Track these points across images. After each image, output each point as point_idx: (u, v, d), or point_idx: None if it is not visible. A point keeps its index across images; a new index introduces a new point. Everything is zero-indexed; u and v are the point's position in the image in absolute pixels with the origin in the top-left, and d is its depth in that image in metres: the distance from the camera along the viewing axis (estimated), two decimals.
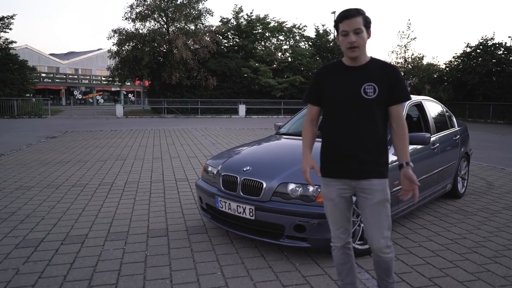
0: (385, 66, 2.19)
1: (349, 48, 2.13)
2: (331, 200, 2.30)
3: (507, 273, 3.06)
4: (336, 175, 2.26)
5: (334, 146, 2.25)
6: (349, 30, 2.11)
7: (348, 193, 2.28)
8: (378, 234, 2.21)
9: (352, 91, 2.18)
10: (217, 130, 15.94)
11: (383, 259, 2.26)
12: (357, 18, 2.10)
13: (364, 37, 2.13)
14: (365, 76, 2.17)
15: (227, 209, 3.41)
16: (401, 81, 2.17)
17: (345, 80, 2.22)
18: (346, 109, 2.20)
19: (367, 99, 2.15)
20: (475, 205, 5.05)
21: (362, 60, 2.20)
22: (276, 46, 31.87)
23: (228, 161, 3.75)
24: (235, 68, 28.19)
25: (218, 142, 11.70)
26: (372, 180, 2.19)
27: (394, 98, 2.17)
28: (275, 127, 5.10)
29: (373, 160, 2.19)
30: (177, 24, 27.48)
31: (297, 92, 29.18)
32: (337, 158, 2.24)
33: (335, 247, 2.39)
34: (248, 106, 27.25)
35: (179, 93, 27.25)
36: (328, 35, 33.03)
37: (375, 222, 2.21)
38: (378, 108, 2.16)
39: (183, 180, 6.27)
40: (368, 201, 2.21)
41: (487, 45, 26.46)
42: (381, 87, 2.14)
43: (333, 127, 2.26)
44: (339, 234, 2.34)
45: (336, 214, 2.31)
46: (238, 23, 30.19)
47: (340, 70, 2.26)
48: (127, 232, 3.89)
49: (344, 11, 2.14)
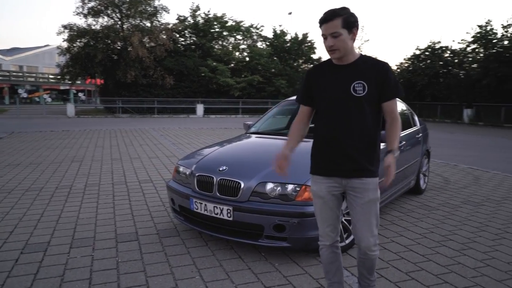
0: (374, 63, 2.18)
1: (329, 51, 2.14)
2: (320, 198, 2.28)
3: (476, 265, 3.19)
4: (327, 173, 2.25)
5: (325, 144, 2.24)
6: (326, 34, 2.10)
7: (338, 191, 2.26)
8: (368, 232, 2.22)
9: (342, 90, 2.17)
10: (176, 130, 15.61)
11: (370, 257, 2.27)
12: (334, 21, 2.07)
13: (344, 39, 2.09)
14: (354, 74, 2.16)
15: (203, 210, 3.30)
16: (391, 77, 2.15)
17: (334, 78, 2.21)
18: (337, 107, 2.19)
19: (356, 97, 2.14)
20: (437, 200, 5.26)
21: (350, 59, 2.18)
22: (234, 46, 31.80)
23: (202, 161, 3.64)
24: (192, 67, 27.80)
25: (179, 142, 11.45)
26: (364, 179, 2.19)
27: (385, 94, 2.16)
28: (244, 126, 5.04)
29: (364, 159, 2.18)
30: (132, 21, 26.65)
31: (255, 92, 29.31)
32: (328, 156, 2.23)
33: (323, 245, 2.36)
34: (206, 106, 26.95)
35: (134, 92, 26.44)
36: (285, 36, 33.43)
37: (365, 221, 2.21)
38: (369, 106, 2.15)
39: (147, 182, 6.05)
40: (359, 200, 2.20)
41: (434, 48, 27.91)
42: (370, 85, 2.13)
43: (324, 125, 2.25)
44: (328, 232, 2.32)
45: (325, 212, 2.29)
46: (195, 21, 29.81)
47: (329, 69, 2.25)
48: (94, 237, 3.67)
49: (323, 14, 2.12)
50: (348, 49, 2.14)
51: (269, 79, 29.71)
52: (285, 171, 2.32)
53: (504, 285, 2.86)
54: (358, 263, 2.38)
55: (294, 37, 33.25)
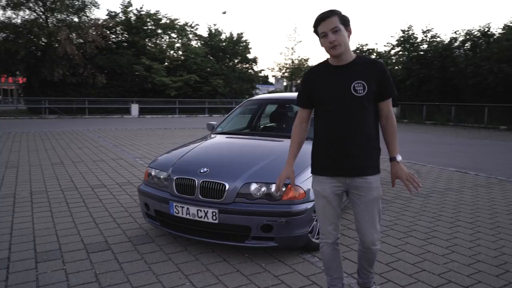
0: (372, 63, 2.24)
1: (331, 47, 2.17)
2: (324, 198, 2.32)
3: (444, 252, 3.45)
4: (330, 173, 2.29)
5: (327, 144, 2.28)
6: (326, 30, 2.15)
7: (341, 190, 2.32)
8: (372, 229, 2.30)
9: (342, 90, 2.22)
10: (114, 131, 14.86)
11: (372, 250, 2.36)
12: (332, 18, 2.14)
13: (344, 35, 2.16)
14: (354, 74, 2.21)
15: (185, 214, 3.19)
16: (388, 77, 2.24)
17: (334, 79, 2.25)
18: (337, 107, 2.23)
19: (357, 96, 2.20)
20: (390, 194, 5.59)
21: (348, 58, 2.23)
22: (168, 44, 31.03)
23: (178, 164, 3.51)
24: (126, 65, 26.62)
25: (121, 144, 10.91)
26: (367, 178, 2.25)
27: (383, 94, 2.24)
28: (208, 127, 4.94)
29: (366, 157, 2.25)
30: (58, 15, 24.84)
31: (192, 91, 28.83)
32: (331, 157, 2.27)
33: (325, 243, 2.40)
34: (142, 106, 25.95)
35: (62, 92, 24.66)
36: (220, 35, 33.36)
37: (369, 218, 2.28)
38: (369, 105, 2.22)
39: (99, 187, 5.70)
40: (363, 198, 2.27)
41: (362, 50, 29.55)
42: (370, 84, 2.20)
43: (325, 126, 2.28)
44: (330, 230, 2.37)
45: (328, 211, 2.34)
46: (127, 18, 28.59)
47: (327, 71, 2.29)
48: (59, 250, 3.38)
49: (318, 15, 2.19)
50: (347, 46, 2.20)
51: (206, 78, 29.43)
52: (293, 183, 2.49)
53: (472, 268, 3.13)
54: (360, 256, 2.46)
55: (229, 37, 33.31)
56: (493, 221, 4.36)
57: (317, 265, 3.12)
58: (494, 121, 19.35)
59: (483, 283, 2.88)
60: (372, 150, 2.29)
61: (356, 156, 2.23)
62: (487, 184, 6.32)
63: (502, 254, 3.43)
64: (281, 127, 4.75)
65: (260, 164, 3.32)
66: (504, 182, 6.54)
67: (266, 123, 5.39)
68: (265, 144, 4.04)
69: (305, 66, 37.73)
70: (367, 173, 2.26)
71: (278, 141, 4.08)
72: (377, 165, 2.31)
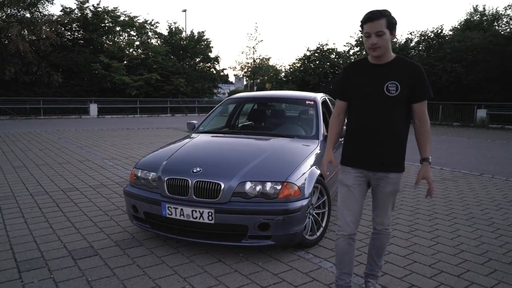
0: (407, 64, 2.30)
1: (371, 48, 2.25)
2: (346, 186, 2.43)
3: (430, 244, 3.59)
4: (355, 165, 2.40)
5: (354, 138, 2.39)
6: (371, 32, 2.22)
7: (363, 181, 2.42)
8: (384, 215, 2.48)
9: (376, 88, 2.29)
10: (74, 132, 14.22)
11: (382, 232, 2.52)
12: (380, 20, 2.20)
13: (386, 38, 2.23)
14: (389, 74, 2.28)
15: (179, 215, 3.11)
16: (423, 79, 2.28)
17: (369, 77, 2.33)
18: (369, 105, 2.31)
19: (389, 96, 2.27)
20: None
21: (387, 58, 2.30)
22: (128, 42, 30.14)
23: (168, 164, 3.41)
24: (83, 63, 25.53)
25: (85, 145, 10.46)
26: (389, 174, 2.35)
27: (416, 95, 2.29)
28: (189, 126, 4.83)
29: (391, 155, 2.33)
30: (8, 10, 23.42)
31: (153, 90, 28.17)
32: (356, 150, 2.39)
33: (341, 236, 2.47)
34: (101, 105, 25.03)
35: (14, 91, 23.24)
36: (180, 33, 32.82)
37: (384, 206, 2.45)
38: (400, 105, 2.28)
39: (71, 190, 5.43)
40: (381, 189, 2.40)
41: (323, 50, 30.21)
42: (403, 85, 2.26)
43: (356, 120, 2.39)
44: (349, 222, 2.44)
45: (350, 201, 2.43)
46: (83, 14, 27.43)
47: (365, 68, 2.37)
48: (42, 257, 3.19)
49: (368, 13, 2.24)
50: (388, 48, 2.26)
51: (168, 77, 28.86)
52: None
53: (459, 258, 3.27)
54: (370, 243, 2.61)
55: (190, 35, 32.86)
56: (467, 213, 4.59)
57: (313, 262, 3.14)
58: (447, 118, 20.39)
59: (472, 271, 3.02)
60: (398, 149, 2.36)
61: (381, 153, 2.32)
62: (453, 178, 6.65)
63: (482, 243, 3.62)
64: (262, 126, 4.75)
65: (253, 163, 3.29)
66: (468, 175, 6.91)
67: (244, 122, 5.37)
68: (253, 143, 4.01)
69: (266, 65, 37.93)
70: (389, 170, 2.35)
71: (265, 139, 4.08)
72: (400, 164, 2.39)
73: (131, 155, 8.65)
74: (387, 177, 2.36)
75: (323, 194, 3.57)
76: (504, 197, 5.35)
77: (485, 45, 20.03)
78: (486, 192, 5.65)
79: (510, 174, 7.06)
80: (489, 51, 19.68)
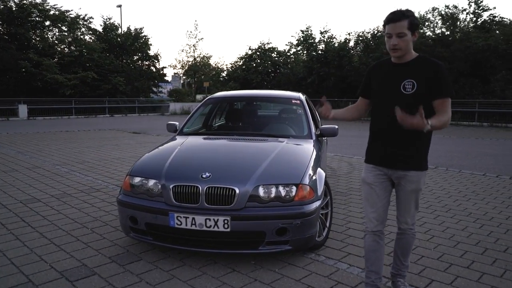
0: (427, 62, 2.29)
1: (392, 49, 2.27)
2: (367, 184, 2.47)
3: (426, 237, 3.71)
4: (375, 162, 2.44)
5: (375, 136, 2.45)
6: (392, 33, 2.22)
7: (384, 179, 2.43)
8: (407, 214, 2.48)
9: (393, 87, 2.32)
10: (6, 135, 12.87)
11: (407, 232, 2.52)
12: (402, 22, 2.19)
13: (407, 40, 2.23)
14: (406, 73, 2.30)
15: (190, 225, 2.88)
16: (442, 77, 2.24)
17: (388, 76, 2.36)
18: (388, 103, 2.31)
19: (406, 94, 2.27)
20: (341, 186, 5.84)
21: (408, 58, 2.32)
22: (60, 38, 28.08)
23: (171, 170, 3.15)
24: (9, 61, 23.34)
25: (26, 150, 9.51)
26: (408, 172, 2.35)
27: (435, 92, 2.27)
28: (171, 127, 4.52)
29: (410, 154, 2.34)
30: None
31: (89, 90, 26.57)
32: (376, 148, 2.44)
33: (367, 231, 2.50)
34: (31, 106, 23.07)
35: None
36: (116, 29, 31.30)
37: (406, 205, 2.45)
38: (417, 103, 2.22)
39: (32, 202, 4.87)
40: (402, 188, 2.41)
41: (264, 49, 30.54)
42: (420, 83, 2.26)
43: (376, 119, 2.45)
44: (371, 218, 2.45)
45: (371, 198, 2.46)
46: (7, 6, 25.06)
47: (386, 67, 2.40)
48: (30, 282, 2.80)
49: (390, 14, 2.23)
50: (408, 50, 2.27)
51: (105, 76, 27.38)
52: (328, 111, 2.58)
53: (460, 250, 3.41)
54: (395, 244, 2.61)
55: (127, 32, 31.46)
56: (443, 205, 4.83)
57: (329, 264, 3.09)
58: None
59: (477, 262, 3.16)
60: (418, 147, 2.35)
61: (399, 151, 2.34)
62: None
63: (471, 234, 3.81)
64: (253, 126, 4.61)
65: (264, 165, 3.16)
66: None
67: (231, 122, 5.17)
68: (254, 145, 3.84)
69: (207, 63, 37.52)
70: (408, 167, 2.35)
71: (263, 140, 3.95)
72: (421, 162, 2.38)
73: (84, 160, 8.03)
74: (407, 175, 2.37)
75: (326, 194, 3.53)
76: (466, 188, 5.73)
77: (417, 46, 21.47)
78: (449, 184, 6.01)
79: (461, 166, 7.59)
80: (420, 52, 21.12)
